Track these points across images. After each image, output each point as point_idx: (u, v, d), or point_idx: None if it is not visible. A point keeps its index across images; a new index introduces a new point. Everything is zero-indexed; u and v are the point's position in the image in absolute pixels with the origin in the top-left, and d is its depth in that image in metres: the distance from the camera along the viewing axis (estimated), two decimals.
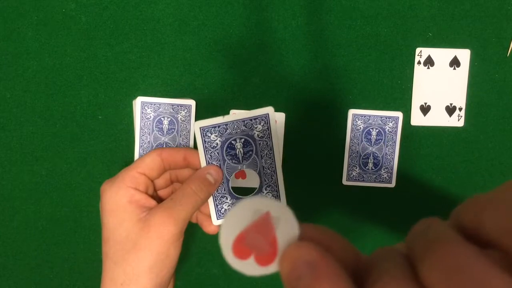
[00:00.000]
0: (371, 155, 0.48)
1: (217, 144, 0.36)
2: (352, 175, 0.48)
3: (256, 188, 0.38)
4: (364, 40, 0.47)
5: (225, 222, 0.19)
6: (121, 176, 0.35)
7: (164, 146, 0.47)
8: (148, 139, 0.46)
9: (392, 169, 0.48)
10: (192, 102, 0.46)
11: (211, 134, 0.36)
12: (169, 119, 0.46)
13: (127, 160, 0.47)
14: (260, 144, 0.37)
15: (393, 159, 0.48)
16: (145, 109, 0.46)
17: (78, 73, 0.46)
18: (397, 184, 0.48)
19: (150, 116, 0.46)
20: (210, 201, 0.38)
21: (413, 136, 0.48)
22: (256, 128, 0.36)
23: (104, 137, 0.47)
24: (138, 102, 0.46)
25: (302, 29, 0.46)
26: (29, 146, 0.47)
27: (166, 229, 0.33)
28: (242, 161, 0.37)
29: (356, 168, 0.48)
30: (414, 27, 0.47)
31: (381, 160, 0.48)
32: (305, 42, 0.47)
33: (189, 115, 0.47)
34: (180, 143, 0.47)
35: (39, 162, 0.47)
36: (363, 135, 0.47)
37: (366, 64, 0.47)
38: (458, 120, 0.48)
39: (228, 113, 0.47)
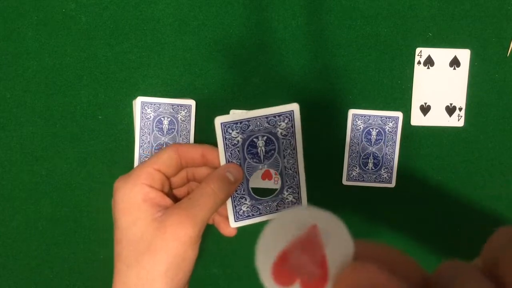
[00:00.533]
0: (371, 155, 0.48)
1: (238, 141, 0.34)
2: (352, 175, 0.48)
3: (277, 189, 0.36)
4: (364, 40, 0.47)
5: (263, 240, 0.15)
6: (136, 173, 0.33)
7: (164, 146, 0.47)
8: (148, 139, 0.46)
9: (392, 169, 0.48)
10: (192, 102, 0.46)
11: (232, 130, 0.34)
12: (169, 119, 0.46)
13: (127, 160, 0.47)
14: (283, 142, 0.35)
15: (393, 159, 0.48)
16: (145, 109, 0.46)
17: (78, 73, 0.46)
18: (397, 184, 0.48)
19: (150, 116, 0.46)
20: (228, 202, 0.36)
21: (413, 136, 0.48)
22: (279, 125, 0.35)
23: (104, 137, 0.47)
24: (138, 102, 0.46)
25: (302, 29, 0.46)
26: (29, 146, 0.47)
27: (184, 231, 0.30)
28: (263, 160, 0.35)
29: (356, 168, 0.48)
30: (414, 27, 0.47)
31: (381, 160, 0.48)
32: (305, 42, 0.47)
33: (189, 115, 0.47)
34: (180, 143, 0.47)
35: (39, 162, 0.47)
36: (363, 135, 0.47)
37: (366, 64, 0.47)
38: (458, 120, 0.48)
39: (228, 113, 0.47)
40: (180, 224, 0.31)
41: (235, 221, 0.37)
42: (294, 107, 0.35)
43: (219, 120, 0.33)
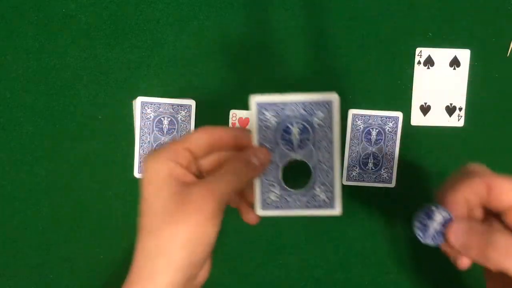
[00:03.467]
0: (371, 155, 0.48)
1: (272, 124, 0.33)
2: (352, 175, 0.48)
3: (308, 182, 0.34)
4: (364, 40, 0.47)
5: None
6: (165, 149, 0.33)
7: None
8: (148, 139, 0.46)
9: (392, 169, 0.48)
10: (192, 102, 0.46)
11: (267, 112, 0.33)
12: (169, 119, 0.46)
13: (127, 160, 0.47)
14: (319, 133, 0.33)
15: (393, 159, 0.48)
16: (145, 109, 0.46)
17: (78, 73, 0.46)
18: (397, 184, 0.48)
19: (150, 116, 0.46)
20: (257, 186, 0.34)
21: (413, 136, 0.48)
22: (316, 114, 0.32)
23: (104, 137, 0.47)
24: (138, 102, 0.46)
25: (302, 29, 0.46)
26: (29, 146, 0.47)
27: (205, 205, 0.31)
28: (296, 149, 0.33)
29: (356, 168, 0.48)
30: (414, 27, 0.47)
31: (381, 160, 0.48)
32: (305, 42, 0.47)
33: (189, 115, 0.47)
34: None
35: (39, 162, 0.47)
36: (363, 135, 0.47)
37: (366, 64, 0.47)
38: (458, 120, 0.48)
39: (228, 113, 0.47)
40: (203, 197, 0.31)
41: (262, 209, 0.35)
42: (333, 97, 0.32)
43: (254, 99, 0.32)
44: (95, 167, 0.47)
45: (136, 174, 0.47)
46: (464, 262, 0.34)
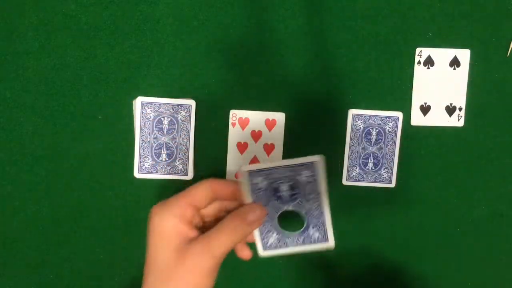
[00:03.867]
0: (371, 155, 0.48)
1: (263, 185, 0.35)
2: (352, 175, 0.48)
3: (303, 226, 0.37)
4: (364, 40, 0.47)
5: None
6: (171, 203, 0.36)
7: (164, 146, 0.47)
8: (148, 139, 0.46)
9: (392, 169, 0.48)
10: (192, 102, 0.46)
11: (257, 177, 0.35)
12: (169, 119, 0.46)
13: (127, 160, 0.47)
14: (307, 188, 0.35)
15: (393, 159, 0.48)
16: (145, 109, 0.46)
17: (78, 73, 0.46)
18: (397, 184, 0.48)
19: (150, 116, 0.46)
20: (256, 232, 0.37)
21: (413, 136, 0.48)
22: (303, 173, 0.35)
23: (104, 137, 0.47)
24: (138, 102, 0.46)
25: (302, 29, 0.46)
26: (29, 146, 0.47)
27: (203, 262, 0.33)
28: (288, 202, 0.36)
29: (356, 168, 0.48)
30: (414, 27, 0.47)
31: (381, 160, 0.48)
32: (305, 42, 0.47)
33: (189, 115, 0.47)
34: (180, 143, 0.47)
35: (39, 162, 0.47)
36: (363, 135, 0.47)
37: (366, 64, 0.47)
38: (458, 120, 0.48)
39: (228, 113, 0.47)
40: (200, 255, 0.34)
41: (263, 250, 0.38)
42: (318, 159, 0.34)
43: (246, 169, 0.34)
44: (95, 167, 0.47)
45: (136, 174, 0.47)
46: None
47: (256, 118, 0.47)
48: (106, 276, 0.49)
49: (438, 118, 0.48)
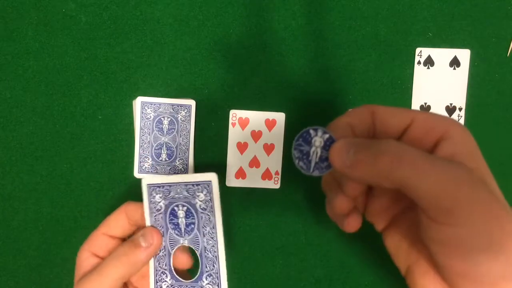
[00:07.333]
0: None
1: (161, 207, 0.34)
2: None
3: (197, 274, 0.34)
4: (364, 40, 0.47)
5: None
6: (88, 238, 0.36)
7: (164, 146, 0.47)
8: (148, 139, 0.46)
9: None
10: (192, 102, 0.46)
11: (156, 194, 0.33)
12: (169, 119, 0.46)
13: (127, 160, 0.47)
14: (202, 217, 0.33)
15: None
16: (145, 109, 0.46)
17: (78, 73, 0.46)
18: None
19: (150, 116, 0.46)
20: (151, 273, 0.35)
21: None
22: (198, 196, 0.32)
23: (104, 137, 0.47)
24: (138, 102, 0.46)
25: (302, 29, 0.46)
26: (29, 146, 0.47)
27: None
28: (184, 234, 0.34)
29: None
30: (414, 27, 0.47)
31: None
32: (305, 42, 0.47)
33: (189, 115, 0.47)
34: (180, 143, 0.47)
35: (39, 162, 0.47)
36: None
37: (366, 64, 0.47)
38: (458, 120, 0.48)
39: (228, 113, 0.47)
40: (91, 285, 0.33)
41: None
42: (212, 177, 0.32)
43: (145, 182, 0.33)
44: (95, 167, 0.47)
45: (136, 174, 0.47)
46: (351, 223, 0.31)
47: (256, 118, 0.47)
48: None
49: None
